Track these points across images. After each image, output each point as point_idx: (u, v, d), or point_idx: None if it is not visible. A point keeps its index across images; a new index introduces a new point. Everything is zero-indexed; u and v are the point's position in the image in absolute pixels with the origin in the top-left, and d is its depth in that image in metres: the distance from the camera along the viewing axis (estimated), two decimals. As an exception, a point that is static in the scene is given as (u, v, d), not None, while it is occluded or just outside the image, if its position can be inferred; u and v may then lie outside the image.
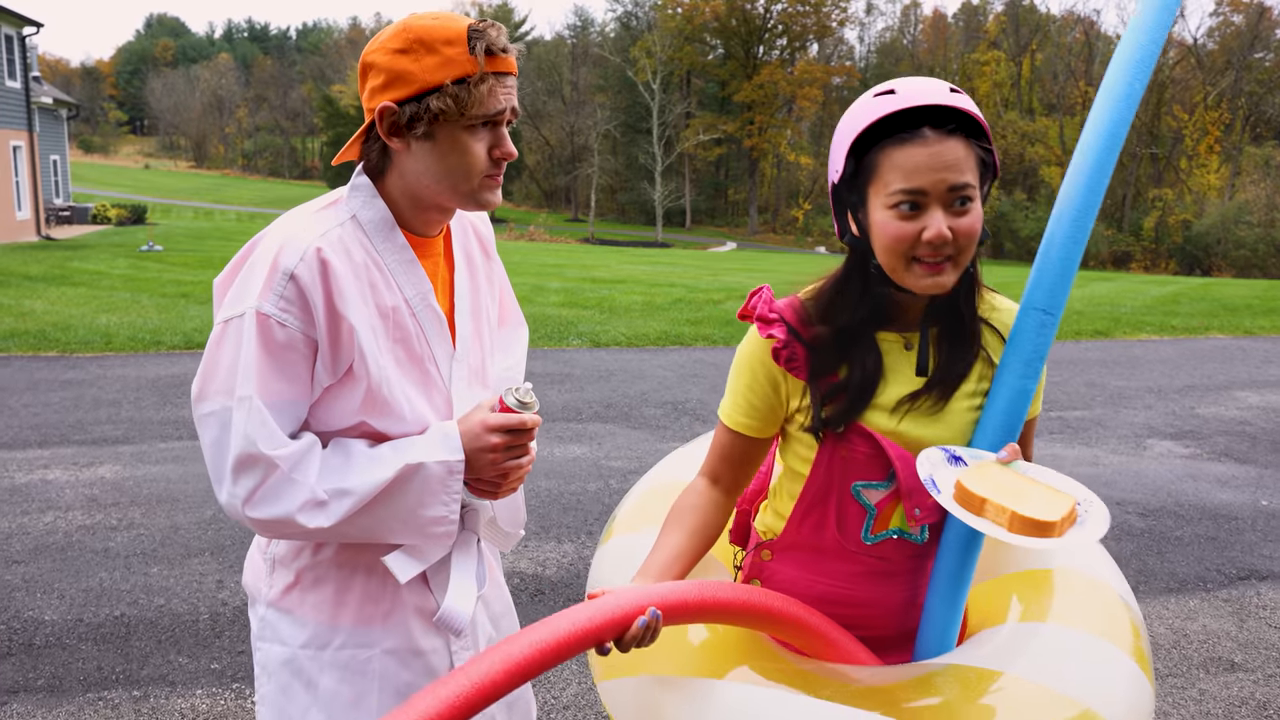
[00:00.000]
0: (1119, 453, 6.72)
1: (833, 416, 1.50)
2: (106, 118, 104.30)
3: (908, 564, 1.60)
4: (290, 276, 1.41)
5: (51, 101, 29.88)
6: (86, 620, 3.78)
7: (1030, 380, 1.49)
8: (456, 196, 1.50)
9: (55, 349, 9.46)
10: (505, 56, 1.46)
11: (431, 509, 1.49)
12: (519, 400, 1.51)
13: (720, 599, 1.42)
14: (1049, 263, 1.48)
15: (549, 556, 4.52)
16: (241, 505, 1.42)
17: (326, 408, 1.49)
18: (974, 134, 1.42)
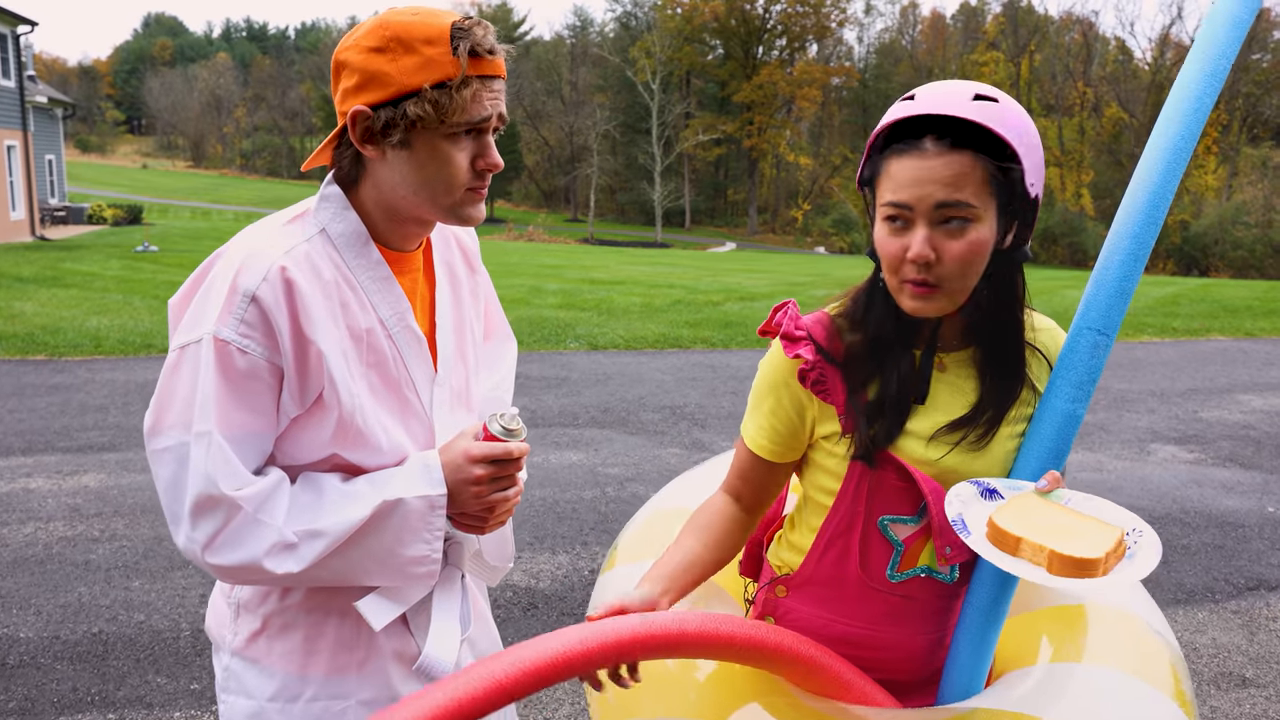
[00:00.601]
0: (1123, 458, 6.62)
1: (865, 445, 1.38)
2: (104, 117, 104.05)
3: (935, 604, 1.47)
4: (251, 298, 1.27)
5: (46, 101, 29.73)
6: (63, 638, 3.66)
7: (1081, 405, 1.35)
8: (436, 210, 1.37)
9: (44, 352, 9.34)
10: (492, 59, 1.32)
11: (412, 548, 1.36)
12: (504, 427, 1.38)
13: (725, 633, 1.29)
14: (1106, 281, 1.35)
15: (543, 568, 4.40)
16: (201, 551, 1.29)
17: (294, 440, 1.36)
18: (996, 151, 1.27)
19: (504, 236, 46.65)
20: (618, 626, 1.19)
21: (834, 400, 1.40)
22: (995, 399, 1.39)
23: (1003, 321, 1.39)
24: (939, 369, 1.41)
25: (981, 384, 1.40)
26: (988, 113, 1.26)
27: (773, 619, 1.54)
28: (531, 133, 67.41)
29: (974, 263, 1.29)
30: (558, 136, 67.05)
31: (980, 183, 1.27)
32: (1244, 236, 45.32)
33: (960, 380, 1.41)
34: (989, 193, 1.28)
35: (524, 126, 65.93)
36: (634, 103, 61.13)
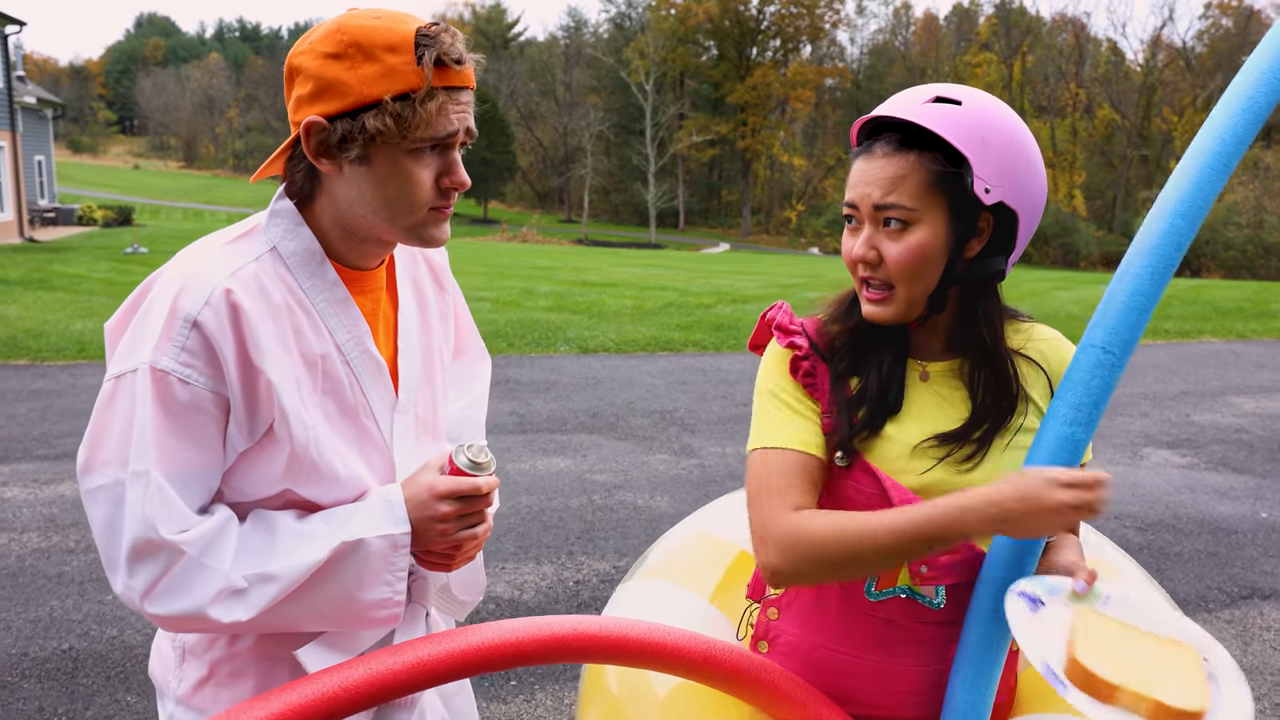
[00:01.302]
0: (1116, 463, 6.56)
1: (844, 441, 1.31)
2: (95, 117, 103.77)
3: (925, 633, 1.38)
4: (193, 324, 1.17)
5: (36, 101, 29.56)
6: (32, 654, 3.57)
7: (1081, 428, 1.24)
8: (396, 231, 1.26)
9: (26, 357, 9.22)
10: (460, 69, 1.22)
11: (373, 590, 1.25)
12: (471, 460, 1.28)
13: (663, 644, 1.26)
14: (1115, 295, 1.25)
15: (527, 579, 4.31)
16: (140, 599, 1.19)
17: (243, 474, 1.26)
18: (952, 153, 1.25)
19: (497, 238, 46.56)
20: (549, 624, 1.18)
21: (820, 396, 1.35)
22: (987, 416, 1.33)
23: (981, 334, 1.33)
24: (923, 379, 1.36)
25: (973, 400, 1.34)
26: (937, 114, 1.24)
27: (766, 644, 1.48)
28: (525, 134, 67.33)
29: (915, 265, 1.27)
30: (552, 137, 67.00)
31: (920, 185, 1.25)
32: (1235, 237, 45.43)
33: (948, 392, 1.35)
34: (932, 195, 1.25)
35: (518, 127, 65.87)
36: (628, 104, 61.11)
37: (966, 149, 1.23)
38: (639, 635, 1.27)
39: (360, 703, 1.09)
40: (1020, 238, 1.31)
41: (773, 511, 1.29)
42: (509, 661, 1.19)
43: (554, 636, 1.21)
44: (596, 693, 1.61)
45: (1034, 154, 1.29)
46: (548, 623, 1.22)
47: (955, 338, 1.36)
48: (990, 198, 1.24)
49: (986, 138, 1.24)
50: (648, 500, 5.44)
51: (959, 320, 1.34)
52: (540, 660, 1.21)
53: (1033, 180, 1.29)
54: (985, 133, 1.24)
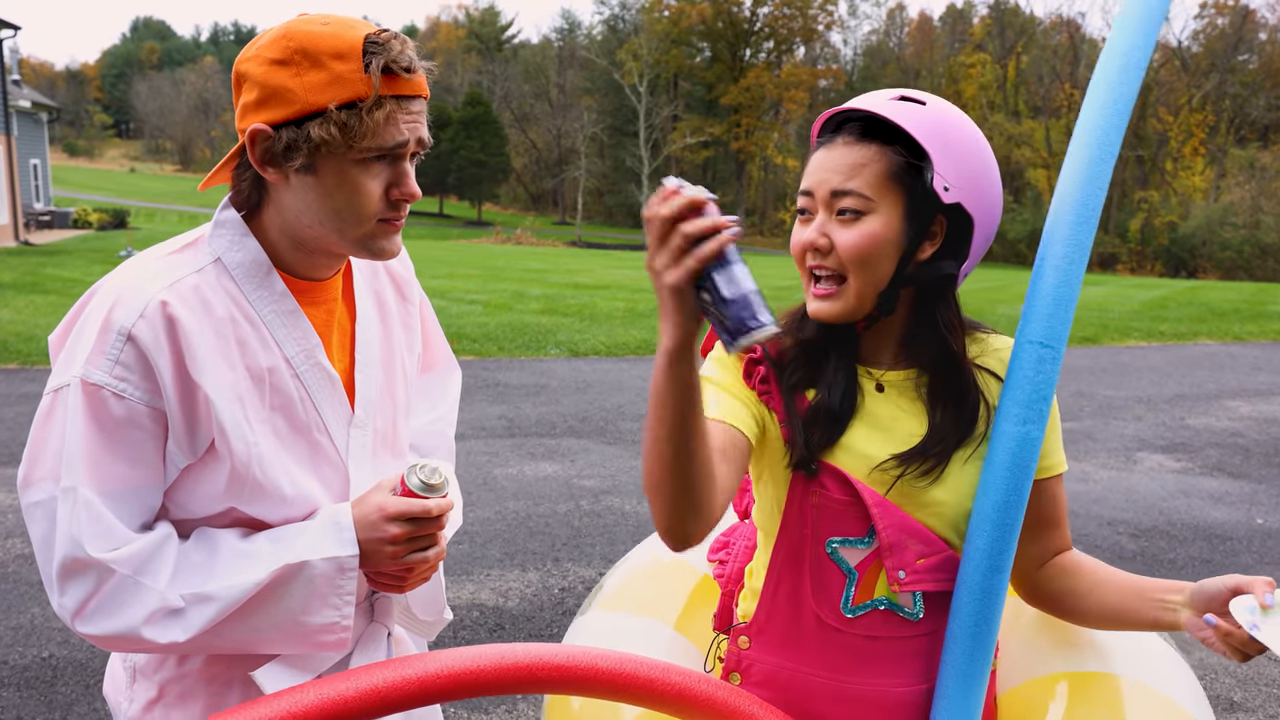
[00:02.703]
0: (1109, 467, 6.54)
1: (803, 453, 1.29)
2: (91, 121, 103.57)
3: (906, 648, 1.34)
4: (127, 337, 1.15)
5: (31, 105, 29.50)
6: (11, 662, 3.54)
7: (1033, 425, 1.24)
8: (344, 242, 1.23)
9: (15, 360, 9.18)
10: (410, 77, 1.19)
11: (319, 614, 1.22)
12: (423, 482, 1.23)
13: (634, 675, 1.19)
14: (1042, 289, 1.27)
15: (512, 586, 4.28)
16: (71, 619, 1.16)
17: (187, 492, 1.23)
18: (912, 151, 1.24)
19: (491, 240, 46.48)
20: (501, 654, 1.13)
21: (774, 405, 1.33)
22: (945, 430, 1.30)
23: (940, 344, 1.31)
24: (879, 389, 1.34)
25: (931, 413, 1.32)
26: (902, 110, 1.25)
27: (739, 676, 1.41)
28: (519, 136, 67.29)
29: (867, 253, 1.25)
30: (545, 139, 66.95)
31: (879, 174, 1.25)
32: (1232, 238, 45.48)
33: (906, 404, 1.33)
34: (889, 186, 1.25)
35: (512, 129, 65.83)
36: (621, 105, 61.06)
37: (929, 145, 1.23)
38: (609, 666, 1.21)
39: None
40: (975, 246, 1.29)
41: None
42: (470, 691, 1.14)
43: (517, 665, 1.16)
44: (559, 713, 1.57)
45: (993, 164, 1.30)
46: (512, 650, 1.17)
47: (909, 346, 1.34)
48: (949, 196, 1.24)
49: (949, 138, 1.25)
50: (635, 506, 5.41)
51: (912, 327, 1.33)
52: (503, 690, 1.17)
53: (990, 189, 1.28)
54: (948, 133, 1.25)
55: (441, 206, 65.81)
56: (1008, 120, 58.49)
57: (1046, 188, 52.10)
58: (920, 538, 1.30)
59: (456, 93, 69.45)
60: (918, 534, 1.30)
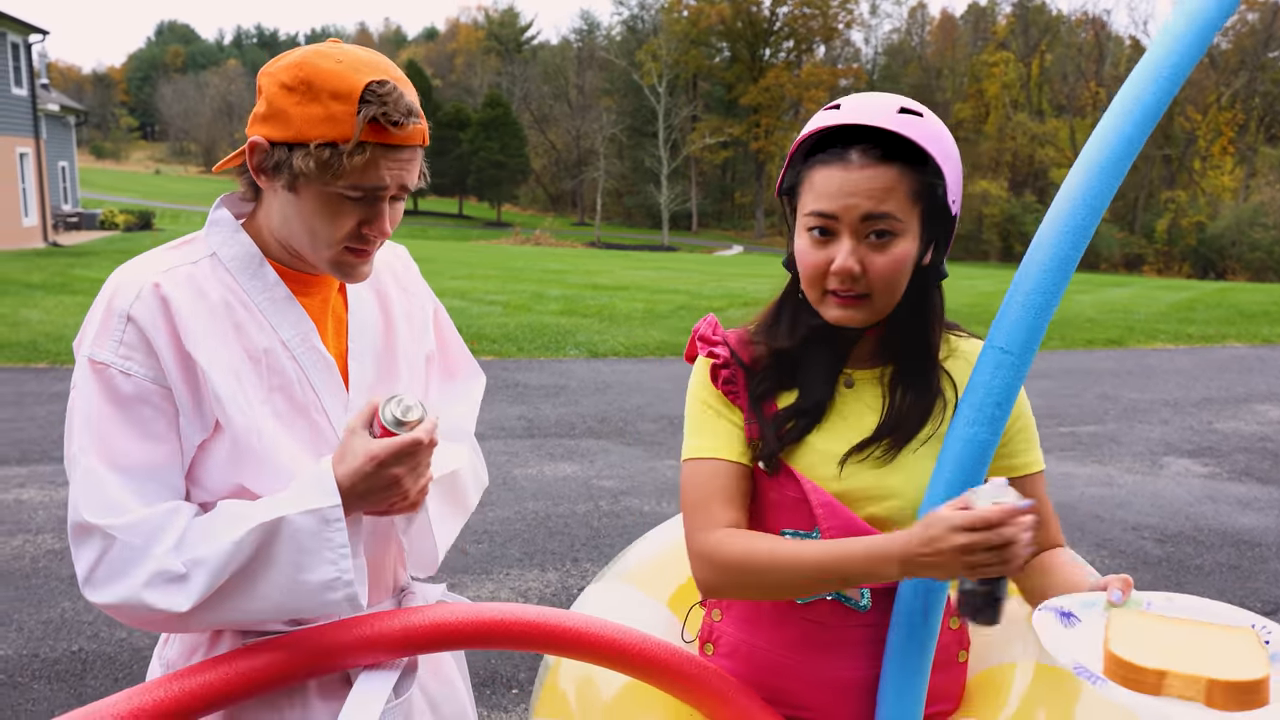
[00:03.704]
0: (1134, 471, 6.48)
1: (765, 451, 1.35)
2: (118, 124, 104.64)
3: (854, 635, 1.40)
4: (127, 319, 1.23)
5: (59, 108, 29.86)
6: (42, 655, 3.60)
7: (983, 428, 1.27)
8: (315, 259, 1.30)
9: (45, 360, 9.31)
10: (397, 130, 1.22)
11: (315, 571, 1.22)
12: (396, 419, 1.23)
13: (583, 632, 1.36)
14: (1017, 295, 1.29)
15: (531, 586, 4.31)
16: (83, 585, 1.22)
17: (203, 467, 1.28)
18: (920, 165, 1.27)
19: (510, 241, 46.63)
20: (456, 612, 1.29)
21: (740, 403, 1.38)
22: (901, 419, 1.35)
23: (916, 339, 1.36)
24: (847, 385, 1.39)
25: (890, 404, 1.37)
26: (913, 126, 1.25)
27: (712, 646, 1.51)
28: (538, 137, 67.43)
29: (899, 277, 1.29)
30: (564, 140, 67.04)
31: (905, 196, 1.26)
32: (1262, 238, 44.96)
33: (870, 399, 1.38)
34: (913, 206, 1.27)
35: (531, 130, 65.98)
36: (640, 106, 61.09)
37: (942, 163, 1.27)
38: (572, 625, 1.34)
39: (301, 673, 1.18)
40: (953, 240, 1.36)
41: (697, 527, 1.34)
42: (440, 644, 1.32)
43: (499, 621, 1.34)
44: (551, 691, 1.64)
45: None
46: (499, 609, 1.33)
47: (886, 344, 1.38)
48: (955, 208, 1.30)
49: (945, 149, 1.28)
50: (654, 507, 5.43)
51: (891, 326, 1.36)
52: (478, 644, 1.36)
53: (961, 188, 1.34)
54: (944, 144, 1.29)
55: (461, 207, 66.08)
56: (1031, 119, 58.09)
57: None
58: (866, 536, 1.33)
59: (476, 94, 69.76)
60: (864, 534, 1.32)
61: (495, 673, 3.53)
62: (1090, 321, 14.01)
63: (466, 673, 1.64)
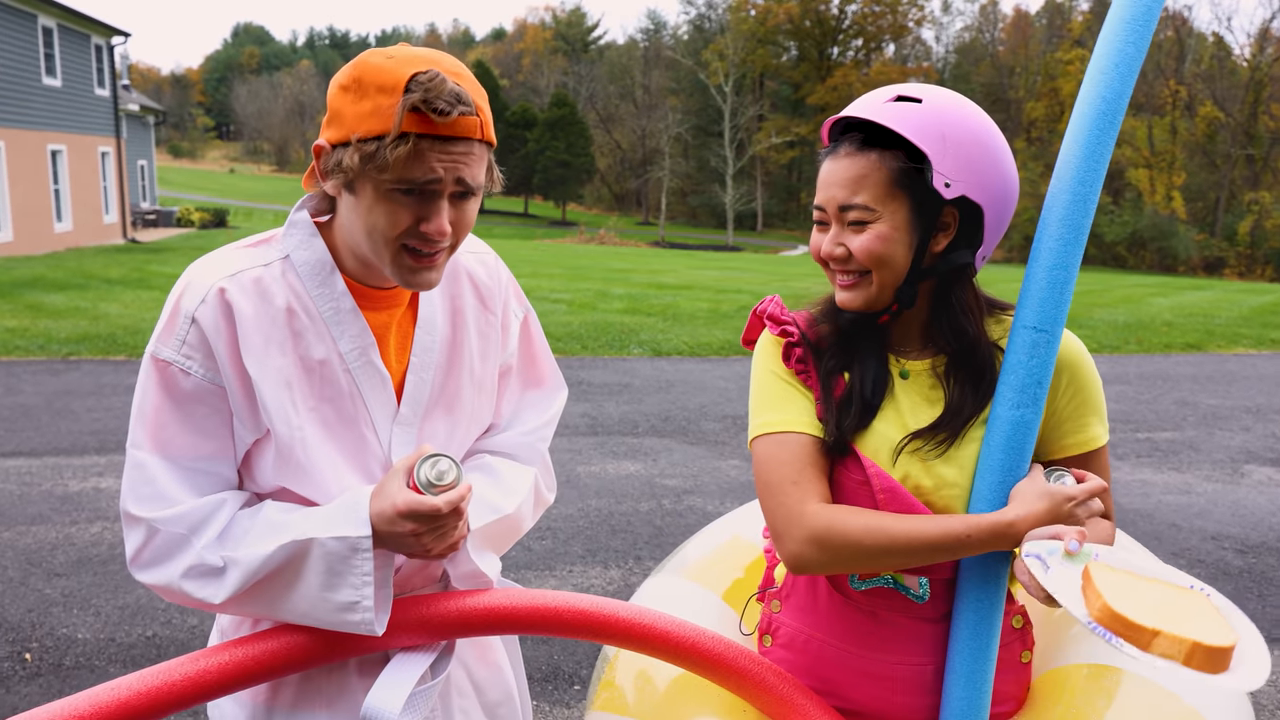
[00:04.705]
0: (1213, 480, 6.27)
1: (834, 433, 1.36)
2: (194, 124, 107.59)
3: (914, 629, 1.40)
4: (191, 320, 1.27)
5: (139, 109, 30.81)
6: (119, 640, 3.70)
7: (1027, 409, 1.29)
8: (379, 263, 1.28)
9: (124, 353, 9.59)
10: (443, 119, 1.18)
11: (339, 592, 1.25)
12: (429, 481, 1.24)
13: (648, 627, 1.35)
14: (1036, 273, 1.31)
15: (594, 583, 4.31)
16: (130, 565, 1.29)
17: (255, 465, 1.33)
18: (915, 150, 1.29)
19: (575, 239, 46.90)
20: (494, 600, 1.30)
21: (812, 385, 1.40)
22: (960, 410, 1.36)
23: (958, 328, 1.36)
24: (903, 377, 1.40)
25: (947, 390, 1.38)
26: (896, 112, 1.29)
27: (771, 638, 1.52)
28: (604, 136, 67.69)
29: (882, 255, 1.31)
30: (630, 139, 67.21)
31: (880, 184, 1.30)
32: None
33: (926, 390, 1.39)
34: (893, 193, 1.30)
35: (596, 130, 66.25)
36: (706, 105, 60.96)
37: (925, 145, 1.27)
38: (627, 617, 1.35)
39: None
40: (989, 231, 1.34)
41: (799, 504, 1.33)
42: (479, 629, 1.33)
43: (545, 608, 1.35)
44: (609, 685, 1.66)
45: (997, 148, 1.32)
46: (549, 596, 1.34)
47: (932, 333, 1.40)
48: (951, 192, 1.29)
49: (946, 133, 1.28)
50: (718, 506, 5.40)
51: (933, 315, 1.38)
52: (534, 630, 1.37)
53: (997, 174, 1.31)
54: (945, 129, 1.28)
55: (527, 206, 66.64)
56: (1106, 118, 56.50)
57: (1148, 188, 50.29)
58: None
59: (543, 94, 70.27)
60: None
61: (558, 668, 3.54)
62: (1167, 325, 13.60)
63: (520, 660, 1.65)
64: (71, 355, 9.43)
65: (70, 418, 7.06)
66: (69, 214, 24.12)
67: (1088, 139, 1.29)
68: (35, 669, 3.46)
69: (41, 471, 5.76)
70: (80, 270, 17.48)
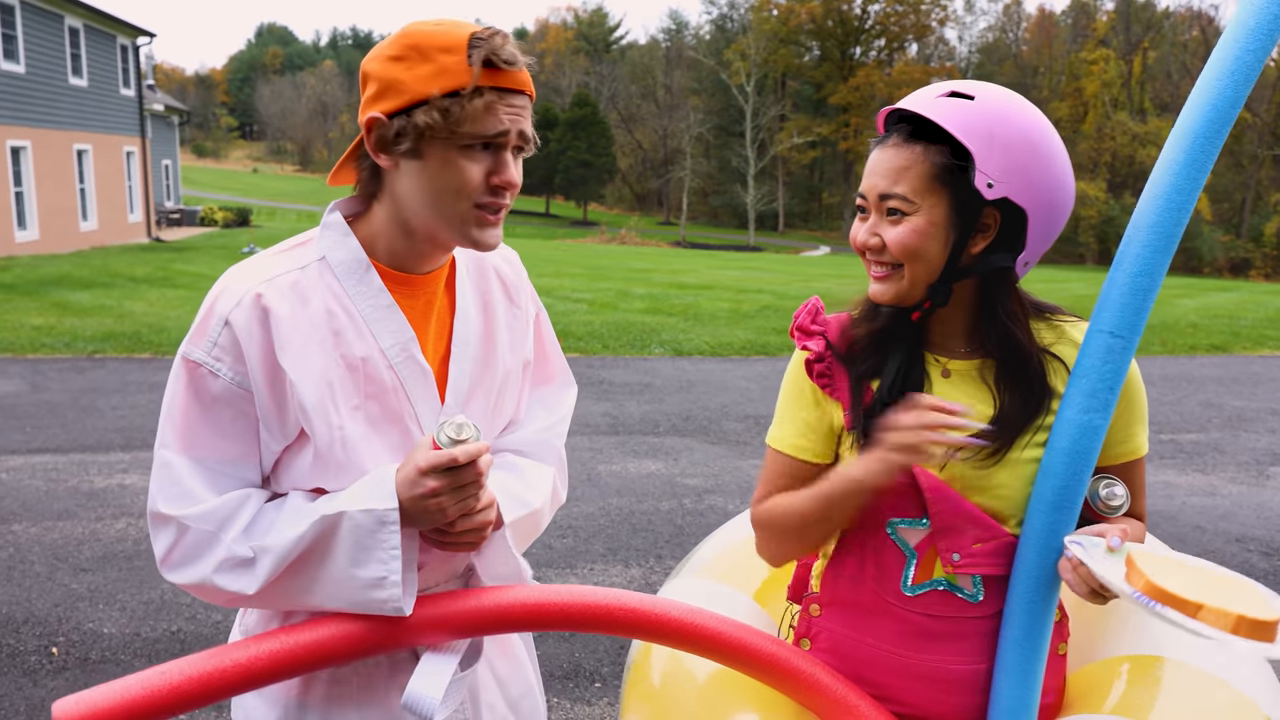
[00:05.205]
0: (1238, 482, 6.20)
1: (867, 439, 1.36)
2: (218, 123, 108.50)
3: (966, 627, 1.38)
4: (225, 322, 1.28)
5: (163, 108, 31.10)
6: (143, 635, 3.73)
7: (1096, 415, 1.27)
8: (446, 227, 1.30)
9: (149, 350, 9.69)
10: (510, 70, 1.25)
11: (367, 568, 1.26)
12: (450, 438, 1.25)
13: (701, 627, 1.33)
14: (1118, 278, 1.28)
15: (615, 581, 4.32)
16: (160, 566, 1.29)
17: (285, 471, 1.34)
18: (961, 147, 1.28)
19: (596, 239, 46.94)
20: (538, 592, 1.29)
21: (839, 396, 1.41)
22: (1011, 417, 1.34)
23: (1003, 333, 1.35)
24: (944, 376, 1.38)
25: (998, 398, 1.36)
26: (947, 107, 1.28)
27: (809, 642, 1.50)
28: (625, 136, 67.74)
29: (916, 249, 1.31)
30: (651, 139, 67.24)
31: (922, 177, 1.29)
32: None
33: (971, 390, 1.38)
34: (933, 187, 1.29)
35: (618, 130, 66.30)
36: (728, 105, 60.89)
37: (970, 142, 1.26)
38: (679, 616, 1.33)
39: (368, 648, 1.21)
40: (1032, 236, 1.31)
41: (755, 504, 1.48)
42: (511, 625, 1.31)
43: (596, 604, 1.32)
44: (639, 689, 1.65)
45: (1050, 153, 1.29)
46: (593, 593, 1.32)
47: (975, 335, 1.38)
48: (993, 193, 1.27)
49: (994, 132, 1.26)
50: (738, 506, 5.39)
51: (977, 316, 1.37)
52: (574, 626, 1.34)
53: (1047, 180, 1.29)
54: (993, 127, 1.27)
55: (548, 206, 66.76)
56: (1132, 119, 56.13)
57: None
58: (978, 522, 1.34)
59: (564, 94, 70.35)
60: (975, 519, 1.34)
61: (579, 666, 3.54)
62: (1192, 326, 13.47)
63: (534, 654, 1.66)
64: (97, 353, 9.53)
65: (96, 415, 7.13)
66: (94, 213, 24.37)
67: (1192, 146, 1.26)
68: (62, 662, 3.50)
69: (68, 468, 5.83)
70: (105, 269, 17.66)
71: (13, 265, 17.57)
